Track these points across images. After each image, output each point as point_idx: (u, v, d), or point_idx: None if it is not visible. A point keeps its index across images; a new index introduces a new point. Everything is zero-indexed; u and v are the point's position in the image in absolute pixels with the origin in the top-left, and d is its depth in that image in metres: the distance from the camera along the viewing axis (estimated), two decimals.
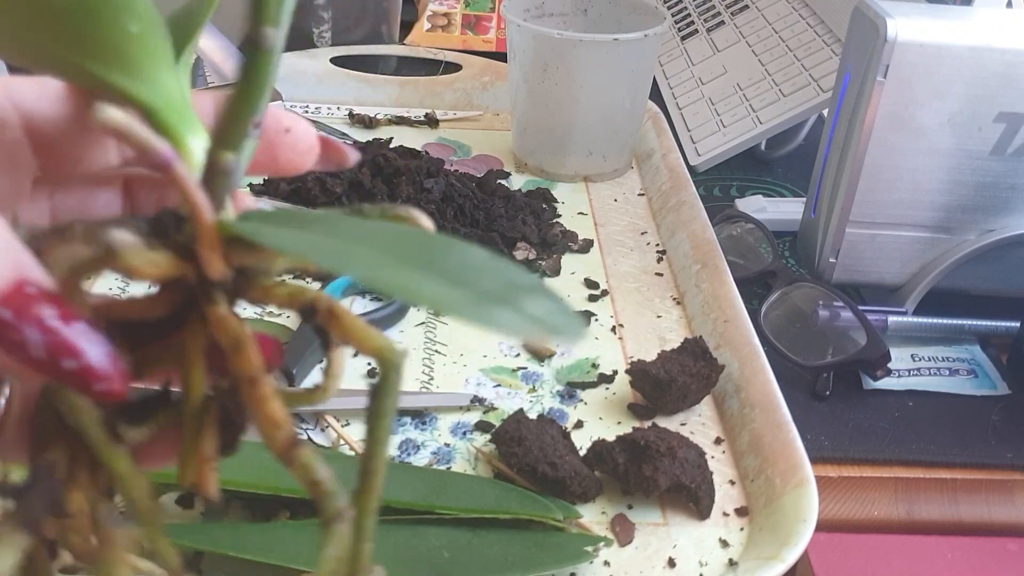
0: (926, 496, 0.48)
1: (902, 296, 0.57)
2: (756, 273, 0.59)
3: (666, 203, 0.66)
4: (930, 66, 0.50)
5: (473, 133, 0.78)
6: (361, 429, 0.45)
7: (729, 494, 0.43)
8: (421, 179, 0.61)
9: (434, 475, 0.40)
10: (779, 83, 0.74)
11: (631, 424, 0.47)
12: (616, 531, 0.40)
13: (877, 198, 0.54)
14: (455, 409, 0.47)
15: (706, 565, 0.39)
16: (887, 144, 0.52)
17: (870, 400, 0.52)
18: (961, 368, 0.54)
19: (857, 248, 0.56)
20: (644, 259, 0.61)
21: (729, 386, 0.48)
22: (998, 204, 0.54)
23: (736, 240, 0.62)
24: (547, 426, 0.42)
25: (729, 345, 0.50)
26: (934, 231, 0.55)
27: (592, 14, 0.73)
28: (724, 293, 0.54)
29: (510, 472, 0.41)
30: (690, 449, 0.41)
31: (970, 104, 0.51)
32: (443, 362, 0.50)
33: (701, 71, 0.83)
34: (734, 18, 0.86)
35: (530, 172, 0.72)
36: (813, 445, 0.48)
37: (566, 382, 0.49)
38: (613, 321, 0.55)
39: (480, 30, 0.99)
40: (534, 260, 0.59)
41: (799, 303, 0.56)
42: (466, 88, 0.83)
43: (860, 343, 0.51)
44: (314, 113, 0.78)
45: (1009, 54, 0.49)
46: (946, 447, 0.49)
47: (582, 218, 0.66)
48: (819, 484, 0.40)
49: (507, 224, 0.60)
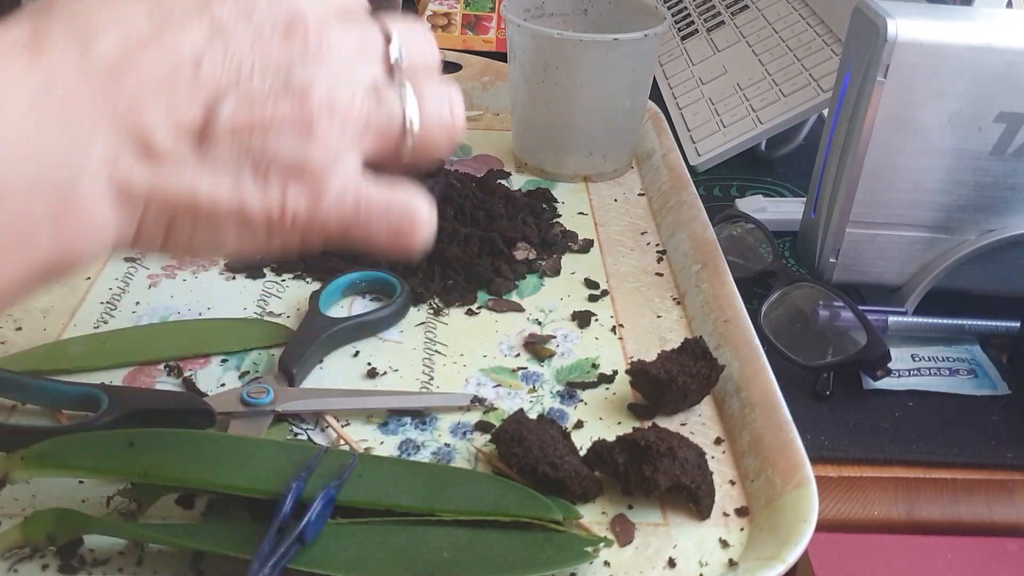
0: (926, 496, 0.48)
1: (902, 296, 0.57)
2: (756, 273, 0.59)
3: (666, 203, 0.66)
4: (930, 66, 0.50)
5: (473, 133, 0.78)
6: (361, 429, 0.45)
7: (729, 494, 0.43)
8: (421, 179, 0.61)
9: (434, 472, 0.40)
10: (779, 83, 0.74)
11: (631, 424, 0.47)
12: (616, 531, 0.40)
13: (877, 198, 0.54)
14: (455, 409, 0.47)
15: (706, 565, 0.39)
16: (887, 144, 0.52)
17: (870, 400, 0.52)
18: (961, 368, 0.54)
19: (857, 248, 0.56)
20: (644, 259, 0.61)
21: (729, 386, 0.48)
22: (998, 204, 0.54)
23: (736, 240, 0.62)
24: (547, 426, 0.42)
25: (729, 345, 0.50)
26: (934, 231, 0.55)
27: (592, 14, 0.73)
28: (724, 293, 0.54)
29: (510, 472, 0.41)
30: (690, 449, 0.41)
31: (970, 104, 0.51)
32: (443, 362, 0.50)
33: (701, 71, 0.83)
34: (734, 18, 0.86)
35: (530, 172, 0.72)
36: (813, 445, 0.48)
37: (566, 382, 0.49)
38: (613, 321, 0.55)
39: (480, 30, 0.99)
40: (534, 260, 0.59)
41: (799, 303, 0.56)
42: (466, 88, 0.83)
43: (860, 343, 0.51)
44: None
45: (1009, 54, 0.49)
46: (946, 447, 0.49)
47: (582, 218, 0.66)
48: (819, 484, 0.40)
49: (507, 224, 0.60)
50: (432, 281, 0.56)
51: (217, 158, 0.27)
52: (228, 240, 0.29)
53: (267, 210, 0.28)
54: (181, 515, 0.40)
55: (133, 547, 0.38)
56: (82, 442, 0.39)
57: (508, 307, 0.55)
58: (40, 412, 0.45)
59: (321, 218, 0.29)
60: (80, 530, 0.37)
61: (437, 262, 0.57)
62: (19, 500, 0.40)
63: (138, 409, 0.43)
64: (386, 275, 0.55)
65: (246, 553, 0.35)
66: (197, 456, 0.38)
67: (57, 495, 0.40)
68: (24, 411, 0.45)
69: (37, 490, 0.40)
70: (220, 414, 0.44)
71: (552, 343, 0.52)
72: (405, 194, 0.32)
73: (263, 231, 0.29)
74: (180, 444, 0.39)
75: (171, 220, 0.28)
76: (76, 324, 0.52)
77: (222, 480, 0.38)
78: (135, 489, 0.38)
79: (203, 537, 0.37)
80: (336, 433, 0.45)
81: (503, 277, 0.57)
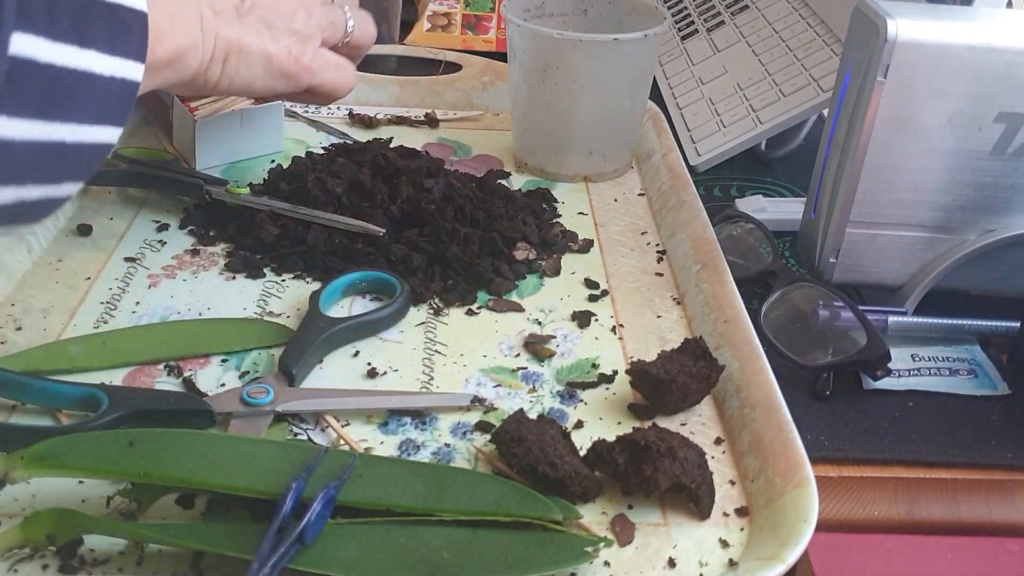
0: (926, 496, 0.48)
1: (902, 296, 0.57)
2: (756, 273, 0.59)
3: (666, 203, 0.66)
4: (930, 66, 0.50)
5: (473, 133, 0.78)
6: (361, 429, 0.45)
7: (729, 494, 0.43)
8: (421, 179, 0.61)
9: (434, 472, 0.40)
10: (779, 83, 0.74)
11: (631, 424, 0.47)
12: (616, 531, 0.40)
13: (877, 198, 0.54)
14: (455, 409, 0.47)
15: (706, 565, 0.39)
16: (887, 144, 0.52)
17: (870, 400, 0.52)
18: (961, 368, 0.54)
19: (857, 248, 0.56)
20: (644, 259, 0.61)
21: (729, 386, 0.48)
22: (998, 204, 0.54)
23: (736, 240, 0.62)
24: (547, 426, 0.42)
25: (729, 345, 0.50)
26: (934, 231, 0.55)
27: (592, 14, 0.73)
28: (724, 293, 0.54)
29: (510, 472, 0.41)
30: (690, 449, 0.41)
31: (970, 104, 0.51)
32: (443, 362, 0.50)
33: (701, 71, 0.83)
34: (734, 18, 0.86)
35: (530, 172, 0.72)
36: (813, 445, 0.48)
37: (566, 382, 0.49)
38: (613, 321, 0.55)
39: (480, 30, 0.99)
40: (534, 260, 0.59)
41: (799, 303, 0.56)
42: (466, 88, 0.83)
43: (860, 343, 0.52)
44: (314, 113, 0.78)
45: (1009, 54, 0.49)
46: (946, 447, 0.49)
47: (582, 218, 0.66)
48: (819, 484, 0.40)
49: (507, 224, 0.60)
50: (432, 281, 0.56)
51: (249, 22, 0.50)
52: (258, 78, 0.50)
53: (279, 54, 0.51)
54: (181, 515, 0.40)
55: (133, 547, 0.38)
56: (82, 442, 0.39)
57: (508, 307, 0.55)
58: (40, 412, 0.45)
59: (306, 64, 0.52)
60: (80, 530, 0.37)
61: (437, 262, 0.57)
62: (19, 500, 0.40)
63: (138, 409, 0.43)
64: (386, 275, 0.55)
65: (246, 553, 0.35)
66: (197, 456, 0.38)
67: (57, 495, 0.40)
68: (24, 411, 0.45)
69: (37, 490, 0.40)
70: (220, 414, 0.44)
71: (552, 343, 0.52)
72: (345, 60, 0.57)
73: (278, 72, 0.51)
74: (180, 444, 0.39)
75: (225, 54, 0.47)
76: (76, 324, 0.52)
77: (222, 480, 0.38)
78: (135, 489, 0.38)
79: (203, 537, 0.37)
80: (336, 433, 0.45)
81: (503, 277, 0.57)
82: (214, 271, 0.57)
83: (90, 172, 0.39)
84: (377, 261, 0.57)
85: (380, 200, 0.60)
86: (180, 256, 0.59)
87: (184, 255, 0.59)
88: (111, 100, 0.37)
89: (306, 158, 0.66)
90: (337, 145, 0.69)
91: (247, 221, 0.60)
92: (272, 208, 0.60)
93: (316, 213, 0.59)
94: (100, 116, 0.37)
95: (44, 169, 0.36)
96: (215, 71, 0.47)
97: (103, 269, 0.57)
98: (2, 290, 0.53)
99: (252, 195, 0.61)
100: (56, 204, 0.38)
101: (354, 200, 0.60)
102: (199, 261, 0.58)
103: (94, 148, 0.37)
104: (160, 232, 0.61)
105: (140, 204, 0.64)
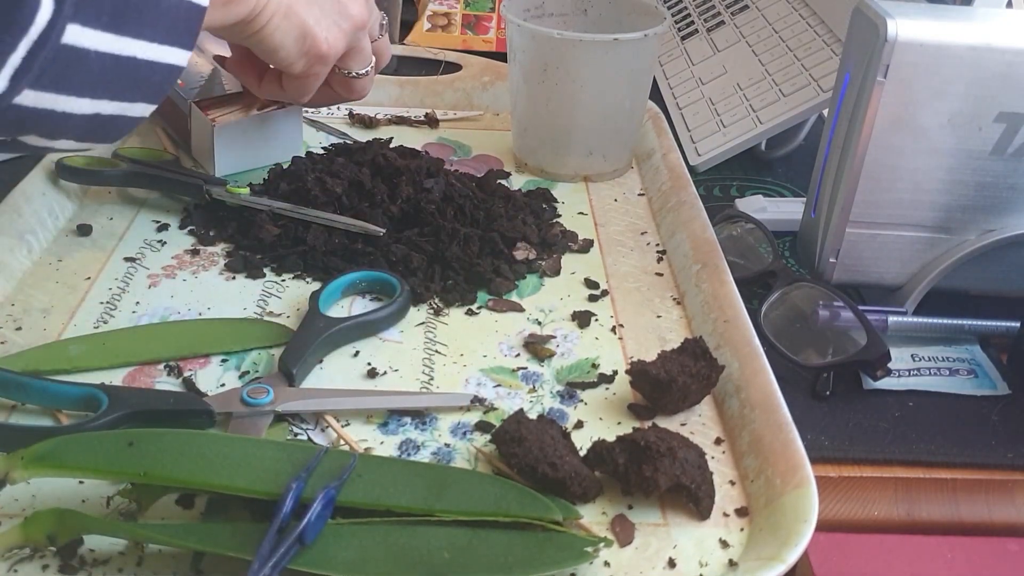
0: (926, 496, 0.48)
1: (902, 296, 0.57)
2: (756, 273, 0.59)
3: (666, 203, 0.66)
4: (930, 66, 0.50)
5: (473, 133, 0.78)
6: (361, 429, 0.45)
7: (729, 494, 0.43)
8: (421, 179, 0.61)
9: (434, 472, 0.40)
10: (779, 83, 0.74)
11: (631, 424, 0.47)
12: (616, 531, 0.40)
13: (877, 198, 0.54)
14: (455, 409, 0.47)
15: (706, 566, 0.39)
16: (887, 144, 0.52)
17: (870, 400, 0.52)
18: (961, 368, 0.54)
19: (857, 248, 0.56)
20: (644, 259, 0.61)
21: (729, 386, 0.48)
22: (998, 204, 0.54)
23: (736, 240, 0.62)
24: (547, 426, 0.42)
25: (729, 345, 0.50)
26: (934, 231, 0.55)
27: (592, 14, 0.73)
28: (724, 293, 0.54)
29: (510, 472, 0.41)
30: (690, 449, 0.41)
31: (970, 104, 0.51)
32: (443, 362, 0.50)
33: (701, 71, 0.83)
34: (734, 18, 0.86)
35: (530, 172, 0.72)
36: (813, 445, 0.48)
37: (566, 382, 0.49)
38: (613, 321, 0.55)
39: (480, 30, 0.99)
40: (534, 260, 0.59)
41: (799, 303, 0.56)
42: (466, 88, 0.83)
43: (860, 343, 0.52)
44: (314, 113, 0.78)
45: (1009, 54, 0.49)
46: (946, 447, 0.49)
47: (582, 218, 0.66)
48: (819, 484, 0.40)
49: (507, 224, 0.60)
50: (432, 281, 0.56)
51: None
52: (286, 47, 0.53)
53: (316, 35, 0.53)
54: (181, 515, 0.40)
55: (133, 547, 0.38)
56: (82, 442, 0.39)
57: (508, 307, 0.55)
58: (40, 412, 0.45)
59: (347, 42, 0.56)
60: (80, 530, 0.37)
61: (437, 262, 0.57)
62: (19, 500, 0.40)
63: (138, 409, 0.43)
64: (386, 275, 0.55)
65: (246, 553, 0.35)
66: (197, 456, 0.38)
67: (57, 495, 0.40)
68: (24, 411, 0.45)
69: (37, 490, 0.40)
70: (220, 414, 0.44)
71: (552, 343, 0.52)
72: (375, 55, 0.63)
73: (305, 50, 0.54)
74: (180, 444, 0.39)
75: (274, 11, 0.50)
76: (76, 324, 0.52)
77: (222, 480, 0.38)
78: (135, 489, 0.38)
79: (203, 537, 0.37)
80: (336, 433, 0.45)
81: (503, 277, 0.57)
82: (214, 271, 0.57)
83: (161, 94, 0.41)
84: (377, 261, 0.57)
85: (380, 200, 0.60)
86: (180, 256, 0.59)
87: (184, 255, 0.59)
88: (179, 22, 0.40)
89: (306, 158, 0.66)
90: (337, 145, 0.69)
91: (247, 221, 0.60)
92: (272, 208, 0.60)
93: (316, 213, 0.59)
94: (169, 36, 0.40)
95: (119, 83, 0.39)
96: (260, 22, 0.50)
97: (103, 269, 0.57)
98: (2, 290, 0.53)
99: (252, 195, 0.61)
100: (130, 124, 0.41)
101: (354, 200, 0.60)
102: (199, 261, 0.58)
103: (164, 68, 0.40)
104: (160, 232, 0.61)
105: (140, 204, 0.64)
